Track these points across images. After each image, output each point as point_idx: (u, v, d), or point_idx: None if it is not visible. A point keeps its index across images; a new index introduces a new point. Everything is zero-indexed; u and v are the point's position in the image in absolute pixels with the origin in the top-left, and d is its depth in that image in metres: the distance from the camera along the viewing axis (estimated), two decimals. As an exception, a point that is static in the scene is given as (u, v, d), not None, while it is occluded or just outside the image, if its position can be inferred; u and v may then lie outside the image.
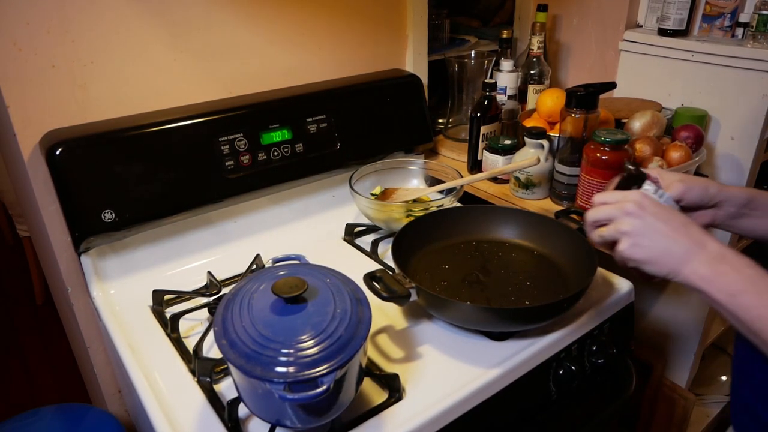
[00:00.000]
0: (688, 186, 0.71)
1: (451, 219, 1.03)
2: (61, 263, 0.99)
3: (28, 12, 0.86)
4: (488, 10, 1.78)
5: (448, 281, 0.92)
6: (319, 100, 1.12)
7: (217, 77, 1.08)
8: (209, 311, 0.92)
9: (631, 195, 0.66)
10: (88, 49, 0.92)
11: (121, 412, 1.18)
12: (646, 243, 0.63)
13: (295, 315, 0.64)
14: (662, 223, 0.62)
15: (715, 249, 0.60)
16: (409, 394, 0.75)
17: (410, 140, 1.28)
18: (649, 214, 0.63)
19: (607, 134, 1.02)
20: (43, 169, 0.90)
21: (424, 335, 0.86)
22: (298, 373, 0.58)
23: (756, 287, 0.56)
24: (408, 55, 1.34)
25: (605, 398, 1.01)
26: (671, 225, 0.62)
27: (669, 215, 0.63)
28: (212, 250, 1.07)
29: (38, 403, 1.94)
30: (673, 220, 0.63)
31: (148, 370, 0.81)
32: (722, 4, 1.28)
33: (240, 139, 1.02)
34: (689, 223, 0.63)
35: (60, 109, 0.93)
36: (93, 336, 1.07)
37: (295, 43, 1.15)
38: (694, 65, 1.29)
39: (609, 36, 1.46)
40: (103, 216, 0.90)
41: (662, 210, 0.64)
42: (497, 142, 1.21)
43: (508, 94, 1.38)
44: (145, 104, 1.01)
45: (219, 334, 0.63)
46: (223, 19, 1.04)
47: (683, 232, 0.62)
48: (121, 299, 0.96)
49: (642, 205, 0.64)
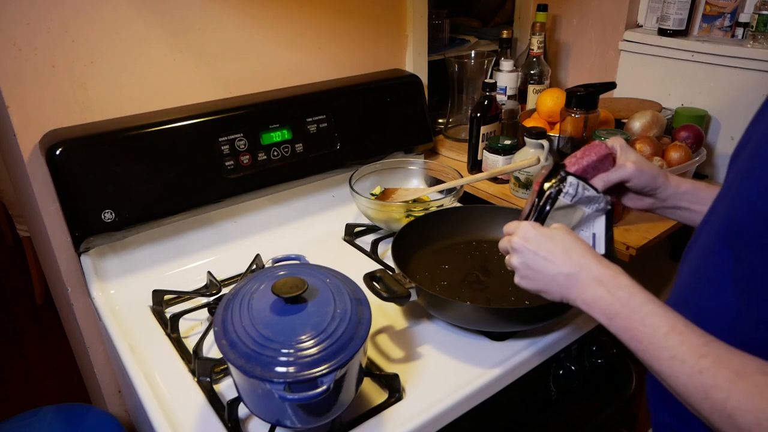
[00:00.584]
0: (639, 171, 0.71)
1: (451, 219, 1.03)
2: (61, 263, 0.99)
3: (28, 12, 0.86)
4: (488, 10, 1.78)
5: (448, 281, 0.92)
6: (319, 100, 1.12)
7: (217, 77, 1.08)
8: (209, 311, 0.92)
9: (519, 229, 0.67)
10: (88, 49, 0.92)
11: (121, 412, 1.18)
12: (532, 276, 0.65)
13: (295, 315, 0.64)
14: (542, 257, 0.64)
15: (594, 272, 0.60)
16: (409, 394, 0.75)
17: (410, 140, 1.28)
18: (531, 248, 0.64)
19: (607, 134, 1.02)
20: (43, 169, 0.90)
21: (424, 335, 0.86)
22: (298, 373, 0.58)
23: (627, 310, 0.56)
24: (408, 55, 1.34)
25: (605, 398, 1.01)
26: (553, 254, 0.63)
27: (551, 245, 0.64)
28: (212, 250, 1.07)
29: (38, 403, 1.94)
30: (555, 248, 0.63)
31: (148, 370, 0.81)
32: (722, 4, 1.29)
33: (240, 139, 1.02)
34: (571, 247, 0.63)
35: (60, 109, 0.93)
36: (93, 336, 1.07)
37: (295, 43, 1.15)
38: (694, 65, 1.29)
39: (609, 36, 1.46)
40: (103, 216, 0.90)
41: (545, 240, 0.64)
42: (497, 142, 1.21)
43: (508, 94, 1.38)
44: (145, 104, 1.01)
45: (219, 334, 0.63)
46: (223, 20, 1.04)
47: (565, 260, 0.62)
48: (121, 299, 0.96)
49: (526, 238, 0.65)
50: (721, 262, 0.54)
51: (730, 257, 0.53)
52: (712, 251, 0.55)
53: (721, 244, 0.54)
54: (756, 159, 0.51)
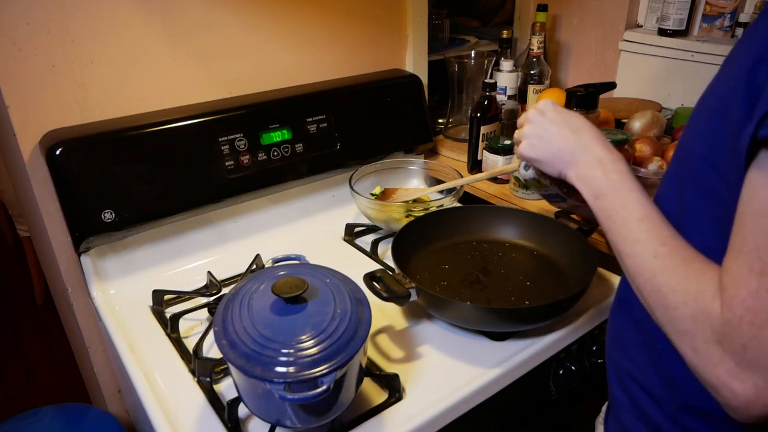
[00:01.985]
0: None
1: (451, 219, 1.03)
2: (61, 263, 0.99)
3: (28, 12, 0.86)
4: (488, 10, 1.78)
5: (448, 281, 0.92)
6: (319, 100, 1.12)
7: (217, 77, 1.08)
8: (209, 311, 0.92)
9: (539, 102, 0.72)
10: (88, 49, 0.92)
11: (121, 412, 1.18)
12: (539, 144, 0.69)
13: (295, 315, 0.64)
14: (556, 128, 0.68)
15: (597, 153, 0.64)
16: (409, 394, 0.75)
17: (410, 140, 1.28)
18: (547, 119, 0.69)
19: (607, 134, 1.02)
20: (43, 169, 0.90)
21: (424, 335, 0.86)
22: (298, 373, 0.58)
23: (616, 192, 0.59)
24: (408, 55, 1.34)
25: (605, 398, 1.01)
26: (565, 129, 0.67)
27: (565, 120, 0.67)
28: (212, 250, 1.07)
29: (38, 403, 1.94)
30: (568, 125, 0.67)
31: (148, 370, 0.81)
32: (722, 4, 1.29)
33: (240, 139, 1.02)
34: (582, 127, 0.67)
35: (60, 109, 0.93)
36: (93, 336, 1.07)
37: (295, 43, 1.15)
38: (694, 65, 1.29)
39: (609, 36, 1.46)
40: (103, 216, 0.90)
41: (561, 115, 0.68)
42: (497, 142, 1.21)
43: (508, 94, 1.38)
44: (145, 104, 1.01)
45: (219, 334, 0.63)
46: (224, 20, 1.04)
47: (573, 137, 0.66)
48: (121, 299, 0.96)
49: (543, 111, 0.70)
50: (669, 206, 0.57)
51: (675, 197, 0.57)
52: (663, 196, 0.60)
53: (670, 190, 0.58)
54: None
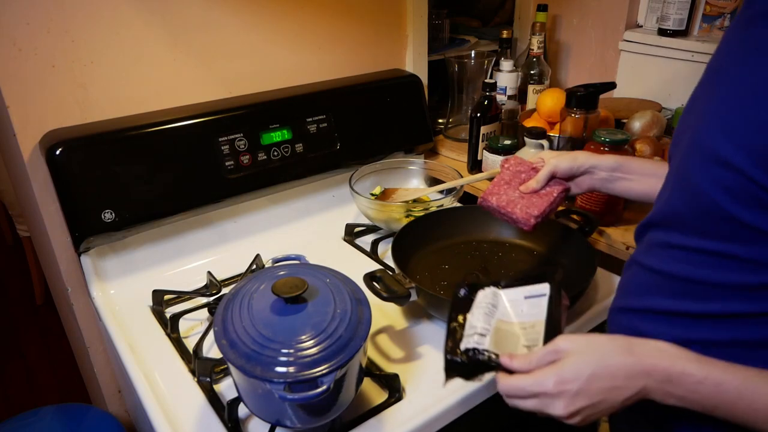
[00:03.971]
0: (558, 159, 0.81)
1: (451, 219, 1.03)
2: (61, 263, 0.99)
3: (28, 12, 0.86)
4: (488, 10, 1.78)
5: (448, 281, 0.92)
6: (319, 100, 1.12)
7: (217, 77, 1.08)
8: (209, 311, 0.92)
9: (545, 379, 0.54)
10: (88, 49, 0.92)
11: (121, 412, 1.18)
12: (591, 412, 0.54)
13: (295, 315, 0.64)
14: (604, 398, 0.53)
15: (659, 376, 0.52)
16: (409, 394, 0.75)
17: (410, 140, 1.28)
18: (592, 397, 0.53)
19: (607, 134, 1.02)
20: (43, 169, 0.90)
21: (424, 335, 0.86)
22: (298, 373, 0.58)
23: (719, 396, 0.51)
24: (408, 55, 1.34)
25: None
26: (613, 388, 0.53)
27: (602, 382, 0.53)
28: (212, 250, 1.07)
29: (38, 403, 1.94)
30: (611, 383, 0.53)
31: (148, 370, 0.81)
32: (722, 4, 1.28)
33: (240, 139, 1.02)
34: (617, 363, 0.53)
35: (60, 109, 0.93)
36: (93, 336, 1.07)
37: (295, 43, 1.15)
38: (694, 65, 1.29)
39: (609, 36, 1.46)
40: (103, 216, 0.90)
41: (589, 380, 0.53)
42: (497, 142, 1.21)
43: (508, 94, 1.38)
44: (145, 104, 1.01)
45: (219, 334, 0.63)
46: (223, 19, 1.04)
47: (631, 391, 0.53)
48: (121, 299, 0.96)
49: (576, 395, 0.53)
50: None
51: None
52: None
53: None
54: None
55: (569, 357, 0.54)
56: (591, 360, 0.53)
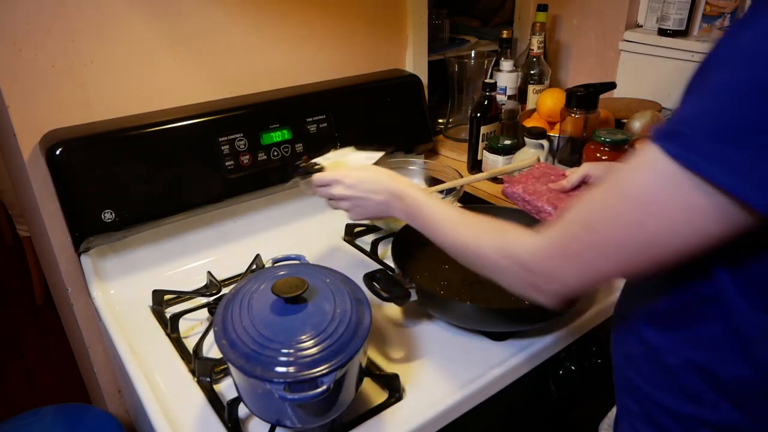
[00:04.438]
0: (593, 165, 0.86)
1: (451, 219, 1.03)
2: (61, 263, 0.99)
3: (28, 12, 0.86)
4: (488, 10, 1.78)
5: (448, 281, 0.92)
6: (319, 100, 1.12)
7: (217, 77, 1.08)
8: (209, 311, 0.92)
9: (337, 175, 0.82)
10: (88, 49, 0.92)
11: (121, 412, 1.18)
12: (361, 211, 0.82)
13: (295, 315, 0.64)
14: (365, 196, 0.79)
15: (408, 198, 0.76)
16: (409, 394, 0.75)
17: (410, 140, 1.28)
18: (358, 192, 0.80)
19: (607, 134, 1.02)
20: (43, 169, 0.90)
21: (424, 335, 0.86)
22: (298, 373, 0.58)
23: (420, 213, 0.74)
24: (408, 55, 1.34)
25: (605, 399, 1.01)
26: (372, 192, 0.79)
27: (367, 185, 0.79)
28: (212, 250, 1.07)
29: (38, 403, 1.94)
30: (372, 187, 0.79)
31: (148, 370, 0.81)
32: (722, 4, 1.29)
33: (240, 139, 1.02)
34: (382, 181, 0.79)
35: (60, 109, 0.93)
36: (93, 336, 1.07)
37: (295, 43, 1.15)
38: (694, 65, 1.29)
39: (609, 36, 1.46)
40: (103, 216, 0.90)
41: (361, 182, 0.79)
42: (497, 142, 1.21)
43: (508, 94, 1.38)
44: (145, 104, 1.01)
45: (219, 334, 0.63)
46: (224, 20, 1.04)
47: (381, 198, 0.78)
48: (121, 299, 0.96)
49: (350, 186, 0.80)
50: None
51: None
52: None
53: None
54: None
55: (358, 170, 0.83)
56: (369, 173, 0.81)
